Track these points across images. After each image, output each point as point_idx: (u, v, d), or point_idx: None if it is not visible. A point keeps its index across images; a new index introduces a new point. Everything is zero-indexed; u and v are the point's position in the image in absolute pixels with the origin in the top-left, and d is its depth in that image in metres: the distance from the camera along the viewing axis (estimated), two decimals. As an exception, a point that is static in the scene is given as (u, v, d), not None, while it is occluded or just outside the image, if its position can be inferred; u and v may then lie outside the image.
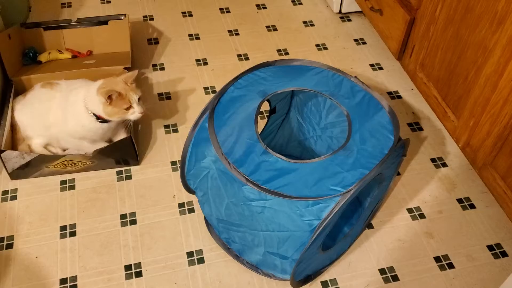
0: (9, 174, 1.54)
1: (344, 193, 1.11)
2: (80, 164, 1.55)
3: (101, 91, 1.43)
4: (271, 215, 1.14)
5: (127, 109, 1.46)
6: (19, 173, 1.54)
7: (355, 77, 1.37)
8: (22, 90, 1.68)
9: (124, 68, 1.70)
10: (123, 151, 1.55)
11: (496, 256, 1.43)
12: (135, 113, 1.47)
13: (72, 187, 1.55)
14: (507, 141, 1.31)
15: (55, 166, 1.53)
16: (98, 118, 1.47)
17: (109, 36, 1.87)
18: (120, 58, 1.78)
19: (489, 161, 1.39)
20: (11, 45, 1.74)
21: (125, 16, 1.86)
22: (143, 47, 2.02)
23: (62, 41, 1.87)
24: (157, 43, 2.05)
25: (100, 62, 1.79)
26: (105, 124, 1.50)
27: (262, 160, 1.17)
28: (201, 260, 1.40)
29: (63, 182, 1.56)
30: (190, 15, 2.18)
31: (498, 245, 1.45)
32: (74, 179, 1.57)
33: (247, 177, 1.15)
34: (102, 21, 1.87)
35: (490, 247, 1.45)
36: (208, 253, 1.41)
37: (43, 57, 1.81)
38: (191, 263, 1.39)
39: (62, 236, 1.44)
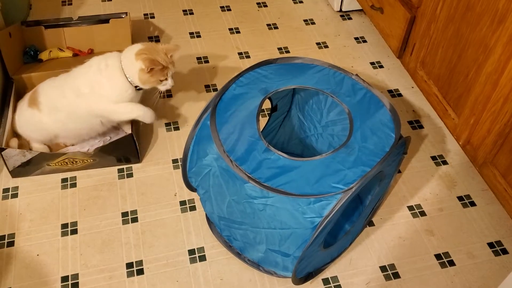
0: (10, 172, 1.54)
1: (346, 190, 1.11)
2: (81, 162, 1.55)
3: (143, 57, 1.40)
4: (273, 212, 1.15)
5: (162, 80, 1.45)
6: (20, 171, 1.54)
7: (356, 75, 1.38)
8: (22, 88, 1.68)
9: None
10: (124, 149, 1.56)
11: (496, 253, 1.44)
12: (166, 85, 1.48)
13: (73, 185, 1.56)
14: (507, 139, 1.31)
15: (56, 164, 1.53)
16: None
17: (110, 35, 1.87)
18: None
19: (489, 159, 1.40)
20: (11, 43, 1.74)
21: (126, 15, 1.86)
22: (144, 45, 2.02)
23: (63, 40, 1.87)
24: (158, 41, 2.05)
25: (101, 60, 1.79)
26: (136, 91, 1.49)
27: (264, 157, 1.17)
28: (202, 258, 1.40)
29: (64, 180, 1.57)
30: (191, 13, 2.18)
31: (499, 243, 1.46)
32: (75, 177, 1.58)
33: (249, 175, 1.15)
34: (103, 20, 1.87)
35: (490, 245, 1.45)
36: (209, 251, 1.42)
37: (44, 56, 1.81)
38: (192, 260, 1.40)
39: (64, 234, 1.44)
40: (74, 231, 1.45)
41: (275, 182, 1.13)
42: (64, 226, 1.46)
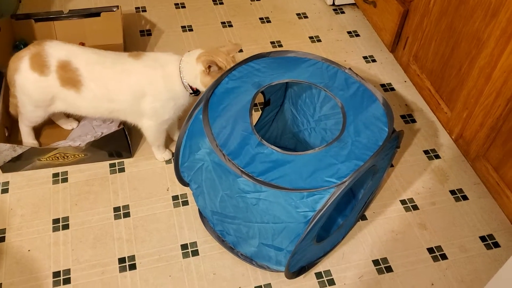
0: (0, 167, 1.52)
1: (339, 184, 1.11)
2: (72, 156, 1.54)
3: (202, 59, 1.38)
4: (266, 207, 1.14)
5: None
6: (10, 166, 1.52)
7: (349, 69, 1.37)
8: (13, 82, 1.66)
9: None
10: (116, 144, 1.55)
11: (488, 247, 1.44)
12: None
13: (65, 180, 1.54)
14: (500, 133, 1.32)
15: (47, 158, 1.52)
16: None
17: (101, 28, 1.85)
18: (113, 50, 1.75)
19: (482, 152, 1.40)
20: (1, 37, 1.72)
21: (118, 8, 1.84)
22: (136, 39, 2.01)
23: (54, 33, 1.85)
24: (149, 34, 2.03)
25: (92, 54, 1.78)
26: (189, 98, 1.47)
27: (257, 152, 1.16)
28: (195, 253, 1.40)
29: (55, 175, 1.55)
30: (183, 7, 2.16)
31: (491, 236, 1.46)
32: (66, 171, 1.56)
33: (242, 169, 1.14)
34: (94, 13, 1.85)
35: (482, 238, 1.46)
36: (202, 245, 1.41)
37: (34, 49, 1.79)
38: (185, 255, 1.39)
39: (55, 229, 1.43)
40: (66, 226, 1.44)
41: (268, 177, 1.13)
42: (56, 221, 1.45)
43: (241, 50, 1.98)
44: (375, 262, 1.40)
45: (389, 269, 1.39)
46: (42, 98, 1.44)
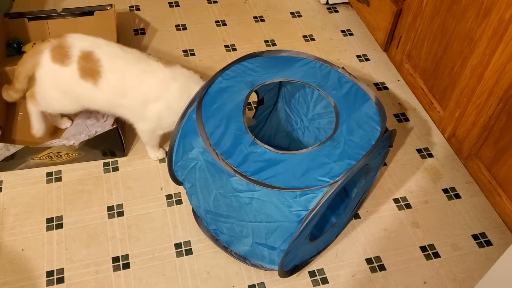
0: (-6, 166, 1.52)
1: (332, 183, 1.11)
2: (66, 156, 1.53)
3: None
4: (259, 206, 1.15)
5: None
6: (4, 165, 1.52)
7: (343, 68, 1.38)
8: (6, 81, 1.66)
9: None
10: (109, 143, 1.54)
11: (480, 245, 1.45)
12: None
13: (58, 179, 1.54)
14: (492, 132, 1.33)
15: (41, 158, 1.52)
16: None
17: (95, 27, 1.85)
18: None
19: (474, 151, 1.41)
20: (-6, 35, 1.72)
21: (111, 7, 1.84)
22: (130, 38, 2.00)
23: (47, 32, 1.85)
24: (143, 33, 2.03)
25: (86, 52, 1.77)
26: None
27: (250, 151, 1.17)
28: (189, 252, 1.40)
29: (49, 174, 1.55)
30: (177, 5, 2.16)
31: (483, 234, 1.47)
32: (60, 171, 1.56)
33: (235, 168, 1.15)
34: (88, 12, 1.84)
35: (475, 236, 1.47)
36: (196, 245, 1.41)
37: (27, 48, 1.79)
38: (179, 254, 1.39)
39: (49, 228, 1.43)
40: (59, 226, 1.44)
41: (261, 176, 1.13)
42: (49, 220, 1.45)
43: (235, 49, 1.98)
44: (368, 261, 1.41)
45: (382, 268, 1.39)
46: (67, 90, 1.44)
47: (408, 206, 1.53)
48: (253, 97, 1.50)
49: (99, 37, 1.47)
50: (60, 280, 1.33)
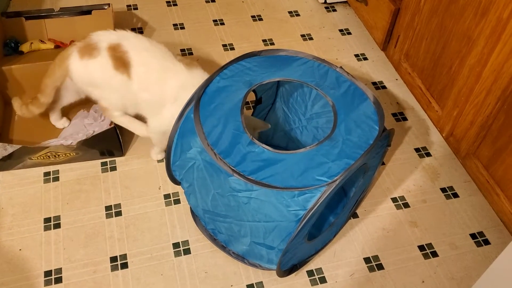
0: (-9, 166, 1.52)
1: (330, 183, 1.11)
2: (63, 155, 1.53)
3: None
4: (257, 205, 1.15)
5: None
6: (1, 165, 1.52)
7: (340, 67, 1.37)
8: (3, 81, 1.65)
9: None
10: (107, 142, 1.54)
11: (478, 244, 1.45)
12: None
13: (56, 179, 1.54)
14: (490, 131, 1.33)
15: (38, 157, 1.51)
16: None
17: (92, 26, 1.82)
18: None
19: (472, 150, 1.41)
20: (-9, 34, 1.71)
21: (109, 6, 1.83)
22: (127, 37, 2.00)
23: (45, 31, 1.84)
24: (141, 32, 2.02)
25: (83, 52, 1.77)
26: None
27: (248, 150, 1.16)
28: (187, 251, 1.40)
29: (46, 174, 1.55)
30: (175, 4, 2.16)
31: (481, 233, 1.48)
32: (58, 170, 1.56)
33: (233, 168, 1.15)
34: (85, 11, 1.83)
35: (473, 236, 1.47)
36: (194, 244, 1.41)
37: (25, 47, 1.78)
38: (177, 254, 1.39)
39: (46, 228, 1.43)
40: (57, 225, 1.43)
41: (259, 175, 1.13)
42: (47, 220, 1.44)
43: (233, 48, 1.98)
44: (366, 260, 1.41)
45: (380, 267, 1.39)
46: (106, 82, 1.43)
47: (406, 205, 1.53)
48: (251, 96, 1.50)
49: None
50: (58, 280, 1.33)
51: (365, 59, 1.97)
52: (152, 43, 1.45)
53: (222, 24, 2.08)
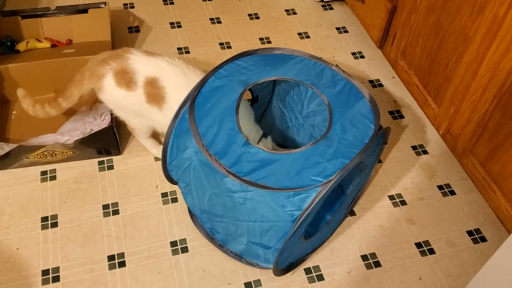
0: (-12, 165, 1.52)
1: (325, 183, 1.11)
2: (60, 154, 1.53)
3: None
4: (253, 206, 1.15)
5: None
6: (-2, 164, 1.52)
7: (336, 65, 1.37)
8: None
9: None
10: (104, 141, 1.54)
11: (475, 241, 1.46)
12: None
13: (53, 178, 1.54)
14: (486, 128, 1.33)
15: (35, 156, 1.51)
16: None
17: (89, 25, 1.84)
18: (101, 47, 1.74)
19: (469, 148, 1.41)
20: (-12, 34, 1.71)
21: (105, 4, 1.83)
22: (124, 36, 2.00)
23: (41, 30, 1.84)
24: (138, 31, 2.02)
25: (80, 51, 1.77)
26: None
27: (244, 151, 1.16)
28: (184, 250, 1.40)
29: (43, 173, 1.55)
30: (171, 3, 2.15)
31: (478, 231, 1.48)
32: (55, 169, 1.56)
33: (228, 169, 1.15)
34: (82, 9, 1.83)
35: (469, 233, 1.47)
36: (191, 243, 1.41)
37: (21, 46, 1.78)
38: (174, 252, 1.39)
39: (44, 227, 1.43)
40: (55, 224, 1.44)
41: (254, 176, 1.13)
42: (44, 219, 1.45)
43: (229, 47, 1.98)
44: (364, 257, 1.41)
45: (377, 264, 1.40)
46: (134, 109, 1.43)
47: (403, 203, 1.53)
48: (248, 95, 1.50)
49: (146, 50, 1.44)
50: (56, 279, 1.33)
51: (362, 57, 1.97)
52: (189, 76, 1.39)
53: (219, 22, 2.08)
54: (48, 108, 1.47)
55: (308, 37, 2.03)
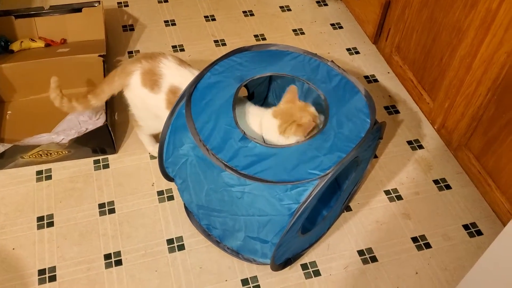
0: (-17, 165, 1.51)
1: (322, 176, 1.11)
2: (56, 153, 1.53)
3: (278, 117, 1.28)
4: (250, 200, 1.15)
5: None
6: (-7, 164, 1.51)
7: (332, 61, 1.38)
8: (-6, 80, 1.65)
9: (99, 56, 1.68)
10: (99, 140, 1.54)
11: (471, 235, 1.46)
12: None
13: (49, 177, 1.53)
14: (480, 122, 1.33)
15: (30, 156, 1.51)
16: None
17: (83, 24, 1.84)
18: (95, 46, 1.75)
19: (463, 142, 1.42)
20: (-19, 33, 1.70)
21: (99, 3, 1.83)
22: (118, 34, 1.99)
23: (35, 30, 1.83)
24: (132, 29, 2.02)
25: (74, 50, 1.76)
26: None
27: (241, 146, 1.16)
28: (181, 247, 1.40)
29: (39, 173, 1.54)
30: (166, 1, 2.15)
31: (473, 224, 1.48)
32: (50, 169, 1.55)
33: (226, 163, 1.15)
34: (76, 9, 1.83)
35: (465, 226, 1.48)
36: (188, 240, 1.41)
37: (15, 46, 1.78)
38: (171, 250, 1.39)
39: (40, 226, 1.42)
40: (51, 224, 1.43)
41: (252, 170, 1.13)
42: (40, 219, 1.44)
43: (224, 44, 1.98)
44: (360, 252, 1.41)
45: (374, 259, 1.40)
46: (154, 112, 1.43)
47: (399, 197, 1.54)
48: (244, 92, 1.50)
49: (181, 59, 1.44)
50: (52, 278, 1.33)
51: (357, 53, 1.97)
52: None
53: (214, 20, 2.08)
54: (75, 103, 1.46)
55: (303, 33, 2.03)
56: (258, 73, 1.31)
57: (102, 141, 1.54)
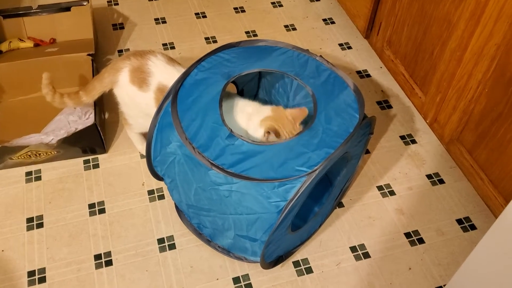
0: (-28, 167, 1.50)
1: (310, 173, 1.10)
2: (45, 154, 1.51)
3: (266, 124, 1.26)
4: (238, 198, 1.13)
5: None
6: (-18, 166, 1.50)
7: (320, 56, 1.36)
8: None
9: (88, 55, 1.66)
10: (88, 140, 1.52)
11: (465, 229, 1.45)
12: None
13: (38, 178, 1.52)
14: (472, 115, 1.32)
15: (19, 157, 1.50)
16: None
17: (72, 23, 1.82)
18: (84, 45, 1.74)
19: (456, 136, 1.40)
20: (-31, 34, 1.69)
21: (88, 2, 1.81)
22: (108, 33, 1.98)
23: (23, 29, 1.82)
24: (122, 28, 2.00)
25: (63, 49, 1.75)
26: None
27: (227, 143, 1.15)
28: (172, 246, 1.39)
29: (28, 174, 1.53)
30: (156, -1, 2.14)
31: (467, 219, 1.47)
32: (39, 170, 1.54)
33: (212, 162, 1.13)
34: (64, 8, 1.81)
35: (459, 221, 1.47)
36: (179, 239, 1.40)
37: (3, 46, 1.76)
38: (162, 249, 1.38)
39: (29, 228, 1.41)
40: (40, 225, 1.42)
41: (238, 168, 1.12)
42: (30, 220, 1.43)
43: (215, 41, 1.96)
44: (353, 249, 1.40)
45: (366, 255, 1.39)
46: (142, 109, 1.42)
47: (392, 193, 1.52)
48: (233, 88, 1.49)
49: (170, 57, 1.43)
50: (42, 280, 1.31)
51: (349, 48, 1.96)
52: None
53: (204, 17, 2.06)
54: (67, 99, 1.47)
55: (294, 29, 2.02)
56: (246, 69, 1.30)
57: (91, 141, 1.53)
